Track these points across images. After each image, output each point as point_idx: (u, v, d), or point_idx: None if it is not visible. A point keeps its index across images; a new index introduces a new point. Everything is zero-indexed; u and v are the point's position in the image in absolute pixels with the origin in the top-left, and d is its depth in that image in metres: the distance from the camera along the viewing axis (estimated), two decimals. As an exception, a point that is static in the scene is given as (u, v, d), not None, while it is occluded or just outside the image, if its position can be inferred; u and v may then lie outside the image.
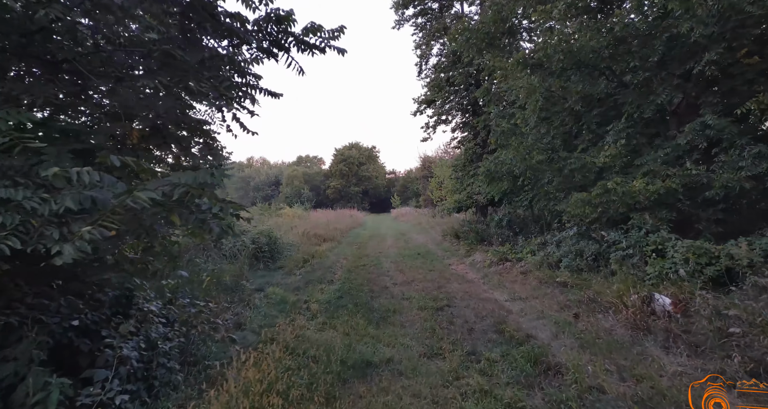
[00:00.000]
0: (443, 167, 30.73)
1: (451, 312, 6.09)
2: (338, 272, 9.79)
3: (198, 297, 4.43)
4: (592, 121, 9.05)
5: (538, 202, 9.81)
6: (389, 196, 54.49)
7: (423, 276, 9.01)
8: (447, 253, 12.68)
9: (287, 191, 52.89)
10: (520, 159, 8.99)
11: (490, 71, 9.47)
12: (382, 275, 9.34)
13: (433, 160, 40.83)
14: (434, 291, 7.54)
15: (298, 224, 19.17)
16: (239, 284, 6.53)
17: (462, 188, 16.60)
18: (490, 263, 9.82)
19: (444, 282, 8.34)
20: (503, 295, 7.05)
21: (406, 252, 13.02)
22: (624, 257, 7.04)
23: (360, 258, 11.92)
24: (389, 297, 7.10)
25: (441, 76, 15.40)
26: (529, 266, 8.61)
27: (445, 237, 16.05)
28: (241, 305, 5.96)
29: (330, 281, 8.57)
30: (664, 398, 3.25)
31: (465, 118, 16.45)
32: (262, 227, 10.85)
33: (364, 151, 59.45)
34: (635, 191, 6.92)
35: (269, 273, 9.14)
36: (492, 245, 12.91)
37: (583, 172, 8.35)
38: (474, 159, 16.08)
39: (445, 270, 9.80)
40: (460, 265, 10.52)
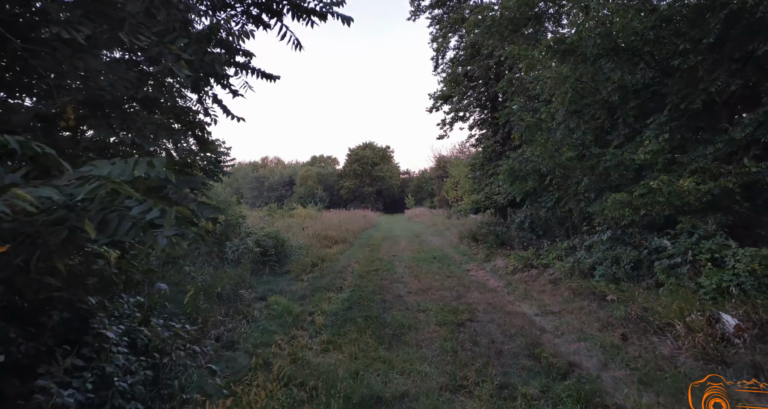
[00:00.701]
0: (459, 167, 29.86)
1: (474, 329, 5.31)
2: (348, 277, 9.09)
3: (179, 315, 3.77)
4: (629, 114, 8.12)
5: (566, 203, 8.91)
6: (403, 196, 53.71)
7: (440, 283, 8.23)
8: (465, 257, 11.85)
9: (301, 191, 52.60)
10: (548, 156, 8.12)
11: (514, 59, 8.63)
12: (396, 281, 8.60)
13: (449, 160, 39.89)
14: (453, 301, 6.76)
15: (310, 224, 18.60)
16: (237, 294, 5.88)
17: (480, 188, 15.73)
18: (514, 269, 8.98)
19: (463, 291, 7.55)
20: (532, 308, 6.22)
21: (421, 256, 12.25)
22: (671, 266, 6.15)
23: (372, 262, 11.21)
24: (403, 308, 6.36)
25: (458, 70, 14.58)
26: (559, 273, 7.75)
27: (462, 239, 15.22)
28: (237, 318, 5.29)
29: (339, 289, 7.87)
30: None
31: (483, 114, 15.58)
32: (269, 229, 10.22)
33: (378, 151, 58.80)
34: (684, 191, 6.03)
35: (275, 279, 8.50)
36: (513, 248, 12.05)
37: (619, 170, 7.46)
38: (493, 158, 15.20)
39: (464, 277, 9.00)
40: (479, 271, 9.70)
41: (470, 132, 16.33)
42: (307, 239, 13.57)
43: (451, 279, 8.69)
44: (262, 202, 49.78)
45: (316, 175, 56.17)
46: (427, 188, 50.71)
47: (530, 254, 9.73)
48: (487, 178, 15.40)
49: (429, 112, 15.85)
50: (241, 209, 26.82)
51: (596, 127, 8.83)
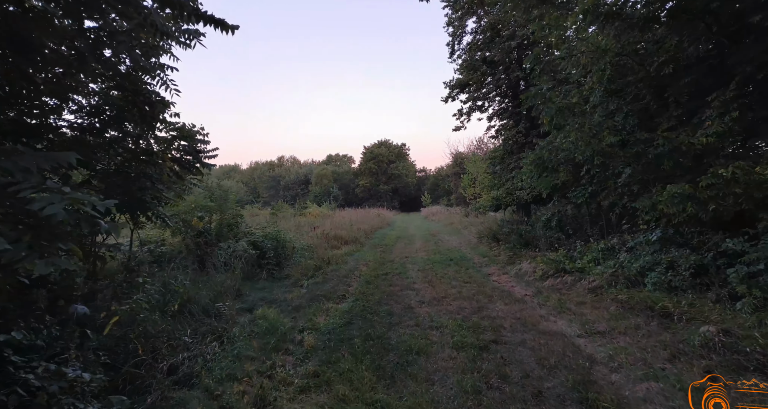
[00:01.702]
0: (476, 163, 28.48)
1: (502, 355, 4.16)
2: (354, 282, 8.04)
3: (92, 348, 2.77)
4: (683, 92, 6.80)
5: (604, 198, 7.61)
6: (419, 194, 52.49)
7: (457, 291, 7.09)
8: (485, 259, 10.64)
9: (316, 190, 52.02)
10: (585, 142, 6.87)
11: (543, 32, 7.38)
12: (407, 288, 7.50)
13: (466, 156, 38.44)
14: (473, 315, 5.62)
15: (321, 224, 17.67)
16: (215, 307, 4.88)
17: (500, 184, 14.45)
18: (543, 275, 7.75)
19: (485, 301, 6.40)
20: (572, 325, 5.02)
21: (437, 257, 11.10)
22: (752, 275, 4.85)
23: (382, 265, 10.13)
24: (413, 324, 5.26)
25: (476, 55, 13.33)
26: (599, 280, 6.50)
27: (481, 239, 13.97)
28: (209, 338, 4.29)
29: (341, 297, 6.83)
30: None
31: (504, 103, 14.29)
32: (270, 229, 9.27)
33: (393, 149, 57.72)
34: (767, 181, 4.74)
35: (271, 285, 7.52)
36: (539, 249, 10.77)
37: (674, 158, 6.16)
38: (514, 150, 13.90)
39: (485, 283, 7.82)
40: (502, 276, 8.49)
41: (489, 123, 15.06)
42: (314, 240, 12.60)
43: (469, 286, 7.53)
44: (278, 201, 49.44)
45: (331, 174, 55.52)
46: (443, 186, 49.34)
47: (561, 257, 8.47)
48: (509, 173, 14.10)
49: (444, 102, 14.68)
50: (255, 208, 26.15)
51: (640, 109, 7.51)
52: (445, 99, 14.63)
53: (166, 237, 7.82)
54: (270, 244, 8.59)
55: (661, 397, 3.14)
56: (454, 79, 14.24)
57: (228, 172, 67.90)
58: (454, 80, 14.26)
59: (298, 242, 10.20)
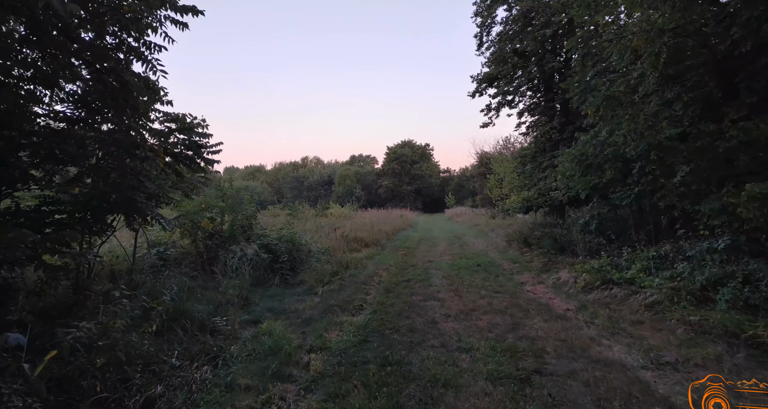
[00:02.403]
0: (503, 162, 27.37)
1: (549, 392, 3.36)
2: (372, 290, 7.35)
3: (19, 393, 2.16)
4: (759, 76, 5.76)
5: (662, 199, 6.60)
6: (443, 195, 51.42)
7: (488, 303, 6.29)
8: (516, 265, 9.73)
9: (339, 191, 51.82)
10: (638, 135, 5.93)
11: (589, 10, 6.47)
12: (430, 297, 6.75)
13: (492, 156, 37.19)
14: (508, 334, 4.83)
15: (342, 225, 17.11)
16: (211, 322, 4.28)
17: (531, 184, 13.45)
18: (586, 286, 6.84)
19: (521, 316, 5.58)
20: (632, 352, 4.14)
21: (463, 262, 10.27)
22: None
23: (404, 270, 9.40)
24: (437, 344, 4.51)
25: (506, 47, 12.40)
26: (657, 295, 5.56)
27: (510, 243, 13.03)
28: (201, 361, 3.69)
29: (358, 307, 6.15)
30: None
31: (536, 98, 13.29)
32: (285, 231, 8.72)
33: (417, 149, 56.88)
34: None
35: (283, 292, 6.93)
36: (576, 255, 9.78)
37: (752, 152, 5.16)
38: (547, 148, 12.88)
39: (519, 293, 6.97)
40: (537, 285, 7.60)
41: (519, 119, 14.08)
42: (333, 242, 12.01)
43: (501, 296, 6.71)
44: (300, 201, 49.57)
45: (354, 175, 55.21)
46: (468, 187, 48.13)
47: (605, 265, 7.51)
48: (541, 172, 13.09)
49: (471, 97, 13.80)
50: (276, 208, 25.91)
51: (703, 97, 6.48)
52: (473, 94, 13.75)
53: (176, 238, 7.38)
54: (284, 247, 8.03)
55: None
56: (482, 73, 13.34)
57: (253, 173, 68.84)
58: (481, 74, 13.35)
59: (315, 245, 9.61)
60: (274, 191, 57.31)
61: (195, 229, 6.84)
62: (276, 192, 57.45)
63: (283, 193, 57.14)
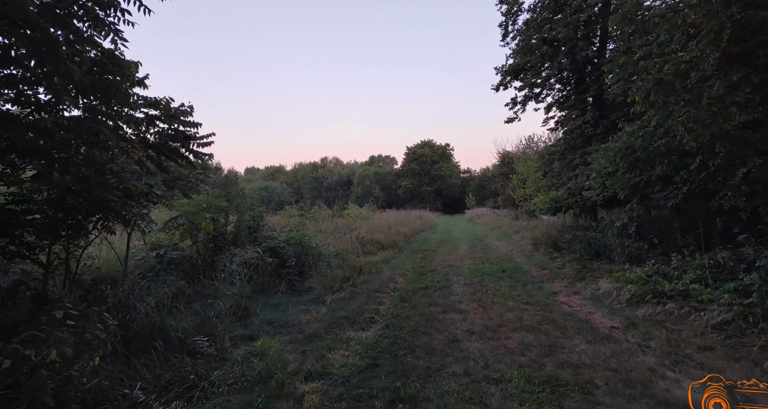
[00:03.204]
0: (527, 162, 26.18)
1: (608, 449, 2.56)
2: (386, 299, 6.63)
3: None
4: None
5: (726, 198, 5.58)
6: (463, 196, 50.22)
7: (516, 317, 5.47)
8: (545, 272, 8.81)
9: (358, 191, 51.34)
10: (700, 123, 4.98)
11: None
12: (451, 309, 5.98)
13: (514, 156, 35.88)
14: (545, 359, 4.02)
15: (359, 226, 16.48)
16: (191, 342, 3.65)
17: (560, 183, 12.43)
18: (631, 298, 5.92)
19: (557, 335, 4.74)
20: (707, 392, 3.28)
21: (486, 267, 9.42)
22: None
23: (422, 276, 8.64)
24: (461, 372, 3.75)
25: (534, 35, 11.45)
26: (726, 313, 4.61)
27: (537, 247, 12.05)
28: (179, 389, 3.05)
29: (368, 320, 5.44)
30: None
31: (566, 90, 12.27)
32: (293, 233, 8.09)
33: (437, 149, 55.83)
34: None
35: (288, 300, 6.29)
36: (613, 261, 8.79)
37: None
38: (578, 144, 11.84)
39: (551, 305, 6.11)
40: (573, 296, 6.70)
41: (546, 115, 13.07)
42: (348, 244, 11.35)
43: (532, 309, 5.87)
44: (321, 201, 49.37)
45: (373, 175, 54.64)
46: (489, 187, 46.79)
47: (651, 273, 6.56)
48: (571, 170, 12.06)
49: (495, 90, 12.87)
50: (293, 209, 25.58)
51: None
52: (496, 87, 12.81)
53: (176, 240, 6.86)
54: (293, 250, 7.40)
55: None
56: (507, 65, 12.39)
57: (273, 173, 69.21)
58: (506, 66, 12.40)
59: (326, 248, 8.96)
60: (294, 192, 57.34)
61: (194, 230, 6.29)
62: (295, 192, 57.46)
63: (302, 193, 57.10)
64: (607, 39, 11.06)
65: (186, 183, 5.77)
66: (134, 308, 3.53)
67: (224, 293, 5.35)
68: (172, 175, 5.38)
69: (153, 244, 6.81)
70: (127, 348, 3.20)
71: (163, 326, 3.51)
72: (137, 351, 3.25)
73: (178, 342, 3.51)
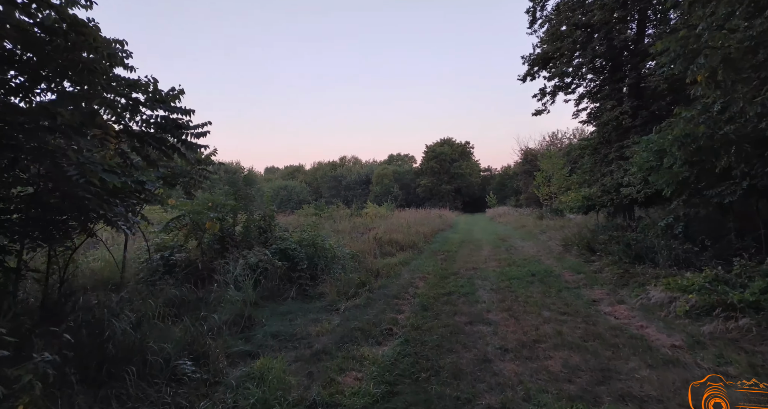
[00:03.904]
0: (552, 158, 24.97)
1: None
2: (406, 307, 5.98)
3: None
4: None
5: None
6: (484, 194, 48.96)
7: (555, 330, 4.72)
8: (581, 277, 7.95)
9: (377, 190, 50.81)
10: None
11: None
12: (478, 319, 5.28)
13: (537, 153, 34.55)
14: (599, 388, 3.29)
15: (377, 225, 15.88)
16: (177, 366, 3.08)
17: (593, 180, 11.46)
18: (690, 310, 5.06)
19: (608, 355, 3.98)
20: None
21: (513, 271, 8.64)
22: None
23: (444, 279, 7.95)
24: (497, 405, 3.06)
25: (565, 21, 10.54)
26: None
27: (567, 248, 11.14)
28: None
29: (385, 333, 4.80)
30: None
31: (599, 80, 11.30)
32: (306, 234, 7.52)
33: (456, 147, 54.73)
34: None
35: (298, 307, 5.72)
36: (656, 265, 7.85)
37: None
38: (614, 137, 10.85)
39: (594, 316, 5.32)
40: (618, 306, 5.87)
41: (576, 108, 12.09)
42: (366, 244, 10.76)
43: (572, 321, 5.11)
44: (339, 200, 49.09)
45: (392, 174, 54.02)
46: (510, 185, 45.42)
47: (711, 280, 5.67)
48: (605, 166, 11.09)
49: (522, 81, 11.97)
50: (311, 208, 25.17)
51: None
52: (523, 77, 11.92)
53: (180, 241, 6.40)
54: (305, 252, 6.84)
55: None
56: (535, 53, 11.48)
57: (292, 173, 69.47)
58: (534, 54, 11.49)
59: (341, 249, 8.36)
60: (313, 191, 57.29)
61: (197, 231, 5.80)
62: (314, 191, 57.40)
63: (321, 192, 57.01)
64: (646, 21, 10.07)
65: (189, 180, 5.27)
66: (110, 324, 3.01)
67: (228, 300, 4.82)
68: (172, 172, 4.89)
69: (158, 245, 6.36)
70: (97, 375, 2.67)
71: (142, 347, 2.97)
72: (111, 378, 2.72)
73: (159, 366, 2.96)
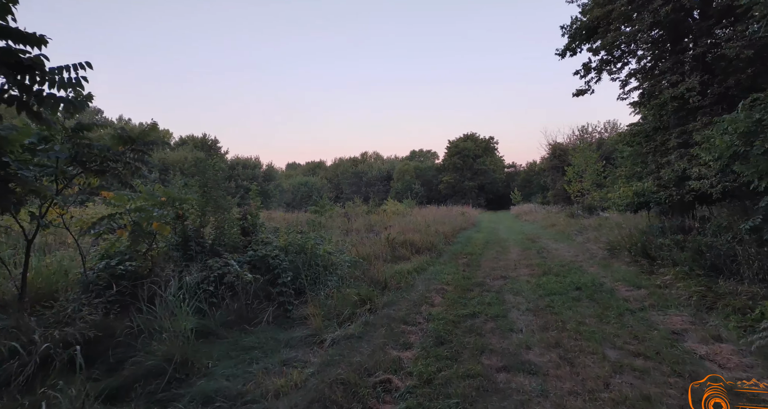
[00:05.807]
0: (585, 152, 22.62)
1: None
2: (415, 339, 4.37)
3: None
4: None
5: None
6: (508, 191, 46.43)
7: (636, 390, 3.01)
8: (643, 293, 6.10)
9: (398, 186, 49.16)
10: None
11: None
12: (515, 364, 3.60)
13: (567, 148, 31.95)
14: None
15: (395, 223, 14.29)
16: None
17: (647, 172, 9.44)
18: None
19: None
20: None
21: (552, 282, 6.87)
22: None
23: (466, 292, 6.29)
24: None
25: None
26: None
27: (614, 253, 9.18)
28: None
29: (381, 390, 3.21)
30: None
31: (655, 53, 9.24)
32: (293, 236, 6.01)
33: (480, 142, 52.30)
34: None
35: (270, 338, 4.20)
36: (742, 278, 5.92)
37: None
38: (672, 122, 8.79)
39: (685, 361, 3.54)
40: (715, 345, 4.04)
41: (622, 90, 10.00)
42: (377, 246, 9.19)
43: (655, 371, 3.39)
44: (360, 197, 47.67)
45: (413, 170, 52.20)
46: (537, 181, 42.68)
47: None
48: (662, 156, 9.05)
49: (561, 56, 9.98)
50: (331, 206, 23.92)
51: None
52: (562, 52, 9.90)
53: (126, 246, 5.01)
54: (286, 261, 5.33)
55: None
56: (578, 22, 9.46)
57: (313, 169, 68.64)
58: (577, 23, 9.48)
59: (341, 255, 6.80)
60: (334, 187, 56.21)
61: (141, 234, 4.38)
62: (335, 188, 56.29)
63: (342, 189, 55.83)
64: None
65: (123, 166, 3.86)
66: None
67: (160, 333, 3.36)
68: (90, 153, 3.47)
69: (108, 252, 5.00)
70: None
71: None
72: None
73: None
